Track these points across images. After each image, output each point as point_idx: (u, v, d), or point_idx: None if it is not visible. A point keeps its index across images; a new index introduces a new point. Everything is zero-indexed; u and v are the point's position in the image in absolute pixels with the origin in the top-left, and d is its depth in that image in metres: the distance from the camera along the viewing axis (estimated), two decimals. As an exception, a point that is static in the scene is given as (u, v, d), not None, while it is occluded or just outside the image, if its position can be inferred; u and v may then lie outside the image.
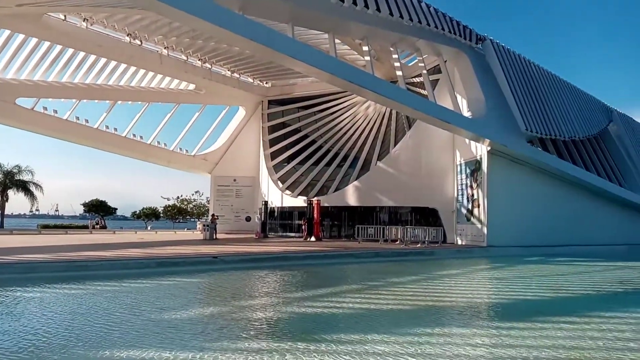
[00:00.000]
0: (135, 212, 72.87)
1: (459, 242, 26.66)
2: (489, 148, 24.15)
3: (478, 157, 25.25)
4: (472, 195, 25.70)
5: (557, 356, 5.41)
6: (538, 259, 20.79)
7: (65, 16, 25.21)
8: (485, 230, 24.04)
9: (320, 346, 5.63)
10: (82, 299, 9.41)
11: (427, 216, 28.66)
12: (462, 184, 27.12)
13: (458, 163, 27.68)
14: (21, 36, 24.97)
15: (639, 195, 30.31)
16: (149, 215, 69.18)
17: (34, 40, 25.55)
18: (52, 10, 23.84)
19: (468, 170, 26.38)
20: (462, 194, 26.94)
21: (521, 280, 14.45)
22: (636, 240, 32.38)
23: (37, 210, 73.48)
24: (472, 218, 25.57)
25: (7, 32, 24.38)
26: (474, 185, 25.54)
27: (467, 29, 24.61)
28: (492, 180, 24.21)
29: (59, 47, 26.63)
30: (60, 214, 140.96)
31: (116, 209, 69.71)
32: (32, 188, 46.10)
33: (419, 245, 23.78)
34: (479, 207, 24.86)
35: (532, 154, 24.82)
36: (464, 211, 26.61)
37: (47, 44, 26.10)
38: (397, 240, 25.60)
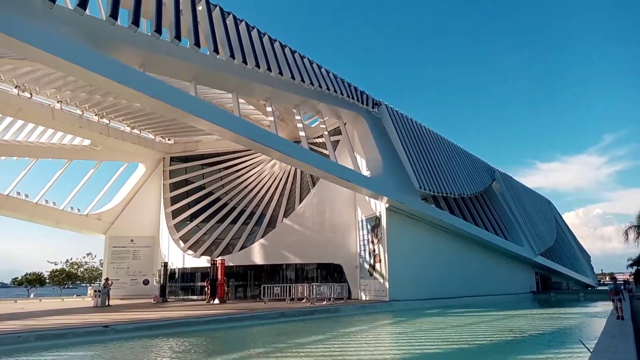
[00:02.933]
0: (17, 278, 65.35)
1: (363, 297, 27.08)
2: (387, 205, 25.35)
3: (378, 214, 26.34)
4: (374, 250, 26.51)
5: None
6: (437, 312, 21.69)
7: None
8: (387, 284, 24.72)
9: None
10: None
11: (332, 272, 28.97)
12: (364, 240, 27.94)
13: (360, 219, 28.61)
14: None
15: (522, 247, 33.28)
16: (32, 282, 62.28)
17: None
18: None
19: (369, 226, 27.32)
20: (365, 249, 27.70)
21: (422, 333, 14.91)
22: (523, 290, 35.32)
23: None
24: (374, 273, 26.23)
25: None
26: (375, 241, 26.42)
27: (364, 94, 26.29)
28: (391, 235, 25.27)
29: None
30: None
31: (-8, 275, 61.95)
32: None
33: (325, 302, 23.76)
34: (380, 262, 25.65)
35: (426, 210, 26.42)
36: (366, 266, 27.27)
37: None
38: (303, 299, 25.39)
